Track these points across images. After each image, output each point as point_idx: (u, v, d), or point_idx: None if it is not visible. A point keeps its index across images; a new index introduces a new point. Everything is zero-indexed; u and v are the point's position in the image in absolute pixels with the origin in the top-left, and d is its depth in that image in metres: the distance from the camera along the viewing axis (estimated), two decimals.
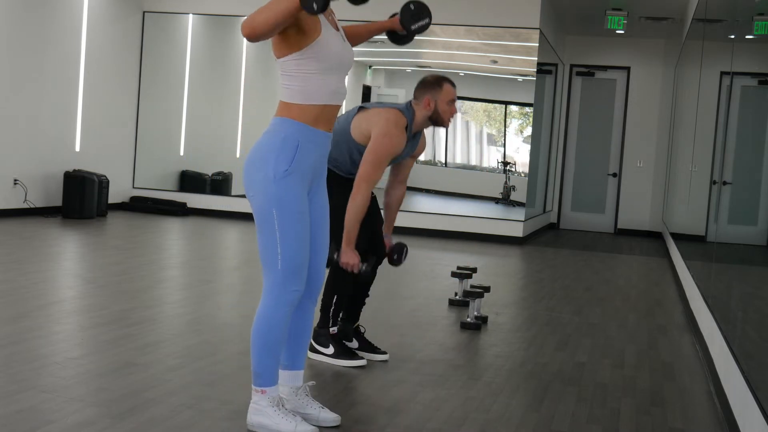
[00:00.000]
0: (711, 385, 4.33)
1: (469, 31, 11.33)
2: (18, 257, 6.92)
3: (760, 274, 4.13)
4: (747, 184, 4.88)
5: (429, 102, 4.14)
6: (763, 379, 3.17)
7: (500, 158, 12.42)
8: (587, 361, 4.66)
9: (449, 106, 4.17)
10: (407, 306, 5.78)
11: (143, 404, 3.32)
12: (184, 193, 11.77)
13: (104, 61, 10.97)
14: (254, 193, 3.05)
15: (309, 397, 3.26)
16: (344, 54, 3.12)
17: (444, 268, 7.64)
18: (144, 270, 6.78)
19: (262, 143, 3.06)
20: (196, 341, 4.48)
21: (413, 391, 3.83)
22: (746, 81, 5.13)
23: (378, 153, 4.03)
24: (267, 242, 3.04)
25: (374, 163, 4.02)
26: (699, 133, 7.57)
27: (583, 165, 13.98)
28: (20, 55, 9.47)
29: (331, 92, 3.08)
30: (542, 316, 5.94)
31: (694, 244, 7.34)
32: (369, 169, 4.02)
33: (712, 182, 6.03)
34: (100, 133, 10.95)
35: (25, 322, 4.58)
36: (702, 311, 5.40)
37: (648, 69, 13.58)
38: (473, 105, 12.91)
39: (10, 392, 3.35)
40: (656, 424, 3.64)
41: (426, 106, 4.15)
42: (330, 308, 4.28)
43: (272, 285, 3.05)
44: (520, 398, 3.84)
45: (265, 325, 3.06)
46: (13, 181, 9.50)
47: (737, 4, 5.48)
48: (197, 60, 12.16)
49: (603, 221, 13.88)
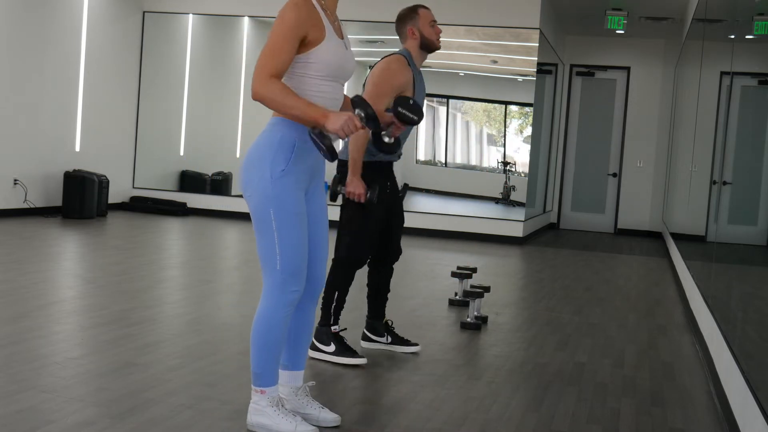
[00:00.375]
0: (711, 385, 4.33)
1: (469, 31, 11.33)
2: (18, 257, 6.92)
3: (760, 274, 4.13)
4: (747, 184, 4.88)
5: (413, 31, 4.24)
6: (763, 379, 3.16)
7: (500, 158, 12.42)
8: (587, 361, 4.66)
9: (432, 27, 4.26)
10: (407, 306, 5.79)
11: (143, 404, 3.32)
12: (184, 193, 11.78)
13: (104, 61, 10.97)
14: (251, 193, 3.04)
15: (309, 397, 3.26)
16: (345, 63, 3.11)
17: (444, 268, 7.64)
18: (144, 270, 6.78)
19: (259, 143, 3.05)
20: (196, 341, 4.48)
21: (413, 391, 3.83)
22: (746, 81, 5.13)
23: (377, 83, 4.08)
24: (265, 243, 3.03)
25: (373, 93, 4.05)
26: (699, 133, 7.57)
27: (583, 165, 13.98)
28: (20, 55, 9.48)
29: (328, 99, 3.08)
30: (542, 316, 5.94)
31: (694, 244, 7.34)
32: (372, 89, 4.06)
33: (712, 182, 6.03)
34: (100, 133, 10.95)
35: (25, 322, 4.58)
36: (702, 311, 5.40)
37: (648, 69, 13.58)
38: (473, 105, 12.90)
39: (10, 392, 3.35)
40: (656, 424, 3.63)
41: (412, 36, 4.25)
42: (331, 305, 4.30)
43: (272, 286, 3.05)
44: (520, 398, 3.84)
45: (265, 325, 3.06)
46: (13, 181, 9.50)
47: (737, 4, 5.47)
48: (197, 60, 12.16)
49: (603, 221, 13.88)
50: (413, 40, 4.26)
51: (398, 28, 4.31)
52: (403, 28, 4.28)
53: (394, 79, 4.12)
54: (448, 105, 12.57)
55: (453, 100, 12.66)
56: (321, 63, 3.02)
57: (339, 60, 3.07)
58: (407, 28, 4.26)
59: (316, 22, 3.01)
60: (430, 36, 4.25)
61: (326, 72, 3.05)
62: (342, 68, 3.10)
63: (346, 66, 3.12)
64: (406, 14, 4.29)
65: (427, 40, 4.25)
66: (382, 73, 4.15)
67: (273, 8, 11.70)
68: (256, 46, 12.35)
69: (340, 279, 4.28)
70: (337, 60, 3.06)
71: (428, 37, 4.25)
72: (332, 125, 2.87)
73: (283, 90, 2.90)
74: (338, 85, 3.12)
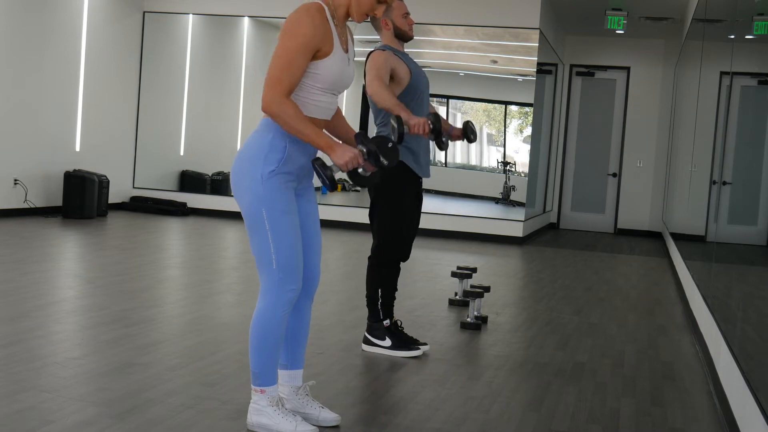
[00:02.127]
0: (711, 385, 4.33)
1: (469, 31, 11.33)
2: (18, 257, 6.92)
3: (760, 274, 4.13)
4: (747, 184, 4.88)
5: (386, 22, 4.41)
6: (763, 379, 3.16)
7: (500, 158, 12.42)
8: (587, 361, 4.66)
9: (405, 18, 4.44)
10: (407, 306, 5.78)
11: (143, 404, 3.32)
12: (184, 193, 11.77)
13: (104, 61, 10.97)
14: (242, 193, 3.05)
15: (309, 397, 3.26)
16: (345, 77, 3.13)
17: (444, 268, 7.64)
18: (144, 270, 6.78)
19: (250, 144, 3.06)
20: (196, 341, 4.48)
21: (413, 391, 3.83)
22: (746, 81, 5.12)
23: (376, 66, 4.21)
24: (260, 243, 3.04)
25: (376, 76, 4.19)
26: (699, 133, 7.57)
27: (583, 165, 13.98)
28: (20, 55, 9.48)
29: (323, 108, 3.12)
30: (542, 316, 5.94)
31: (694, 244, 7.34)
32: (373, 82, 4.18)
33: (711, 182, 6.03)
34: (100, 133, 10.96)
35: (25, 322, 4.58)
36: (702, 311, 5.40)
37: (648, 69, 13.58)
38: (473, 105, 12.91)
39: (10, 392, 3.35)
40: (656, 424, 3.64)
41: (385, 26, 4.42)
42: (377, 302, 4.42)
43: (269, 285, 3.05)
44: (520, 398, 3.84)
45: (264, 325, 3.06)
46: (13, 181, 9.50)
47: (737, 4, 5.47)
48: (197, 60, 12.16)
49: (603, 221, 13.88)
50: (387, 31, 4.43)
51: (373, 21, 4.42)
52: (378, 20, 4.42)
53: (385, 60, 4.26)
54: (448, 105, 12.57)
55: (453, 100, 12.67)
56: (323, 76, 3.04)
57: (340, 75, 3.09)
58: (381, 20, 4.41)
59: (327, 36, 3.02)
60: (403, 26, 4.43)
61: (326, 85, 3.07)
62: (341, 83, 3.12)
63: (345, 81, 3.14)
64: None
65: (399, 30, 4.43)
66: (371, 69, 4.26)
67: (273, 8, 11.76)
68: (256, 46, 12.35)
69: (379, 278, 4.42)
70: (338, 75, 3.09)
71: (401, 27, 4.43)
72: (339, 159, 2.97)
73: (296, 114, 2.94)
74: (335, 96, 3.16)
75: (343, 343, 4.61)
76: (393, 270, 4.47)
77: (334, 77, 3.07)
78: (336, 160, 2.97)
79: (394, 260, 4.47)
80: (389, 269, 4.45)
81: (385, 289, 4.45)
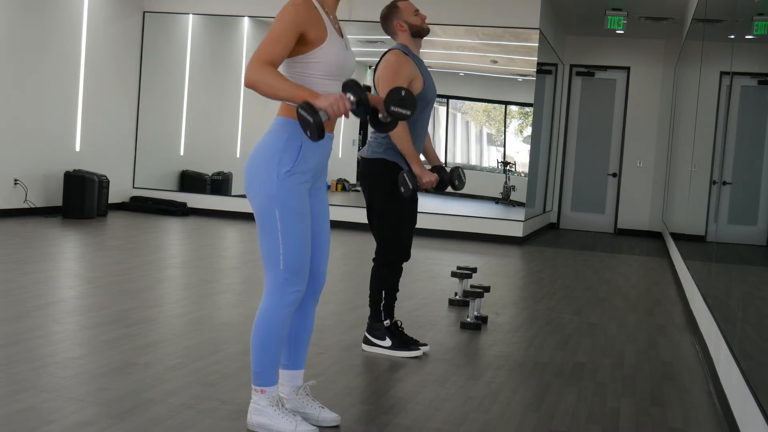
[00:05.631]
0: (711, 385, 4.33)
1: (469, 31, 11.33)
2: (18, 257, 6.92)
3: (760, 274, 4.13)
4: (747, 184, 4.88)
5: (400, 24, 4.38)
6: (763, 379, 3.17)
7: (500, 158, 12.42)
8: (587, 361, 4.66)
9: (417, 15, 4.42)
10: (407, 306, 5.78)
11: (143, 404, 3.32)
12: (184, 193, 11.77)
13: (104, 61, 10.97)
14: (256, 193, 3.04)
15: (309, 397, 3.26)
16: (347, 62, 3.14)
17: (444, 268, 7.64)
18: (144, 270, 6.78)
19: (266, 143, 3.06)
20: (196, 341, 4.48)
21: (413, 391, 3.83)
22: (746, 81, 5.12)
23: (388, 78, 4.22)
24: (269, 243, 3.04)
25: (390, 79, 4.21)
26: (699, 133, 7.57)
27: (583, 165, 13.98)
28: (20, 55, 9.48)
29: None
30: (542, 316, 5.94)
31: (694, 244, 7.34)
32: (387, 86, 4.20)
33: (711, 182, 6.03)
34: (100, 133, 10.95)
35: (25, 322, 4.58)
36: (702, 311, 5.40)
37: (648, 69, 13.58)
38: (473, 105, 12.91)
39: (10, 392, 3.35)
40: (656, 424, 3.64)
41: (400, 29, 4.39)
42: (380, 303, 4.43)
43: (274, 285, 3.05)
44: (520, 398, 3.84)
45: (266, 325, 3.06)
46: (13, 181, 9.50)
47: (737, 4, 5.47)
48: (197, 60, 12.16)
49: (603, 221, 13.88)
50: (403, 33, 4.40)
51: (386, 27, 4.45)
52: (390, 25, 4.41)
53: (401, 70, 4.26)
54: (448, 105, 12.58)
55: (453, 100, 12.67)
56: (323, 62, 3.04)
57: (341, 59, 3.09)
58: (394, 23, 4.39)
59: (316, 21, 3.03)
60: (417, 23, 4.40)
61: (329, 71, 3.06)
62: (344, 67, 3.12)
63: (348, 65, 3.14)
64: (389, 12, 4.42)
65: (415, 27, 4.40)
66: (387, 68, 4.27)
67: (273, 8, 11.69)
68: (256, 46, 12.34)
69: (381, 279, 4.43)
70: (339, 59, 3.09)
71: (415, 24, 4.40)
72: (323, 102, 2.88)
73: (275, 74, 2.92)
74: (340, 83, 3.13)
75: (344, 343, 4.61)
76: (396, 271, 4.48)
77: (336, 61, 3.07)
78: (321, 103, 2.88)
79: (397, 260, 4.47)
80: (392, 270, 4.46)
81: (388, 290, 4.46)
